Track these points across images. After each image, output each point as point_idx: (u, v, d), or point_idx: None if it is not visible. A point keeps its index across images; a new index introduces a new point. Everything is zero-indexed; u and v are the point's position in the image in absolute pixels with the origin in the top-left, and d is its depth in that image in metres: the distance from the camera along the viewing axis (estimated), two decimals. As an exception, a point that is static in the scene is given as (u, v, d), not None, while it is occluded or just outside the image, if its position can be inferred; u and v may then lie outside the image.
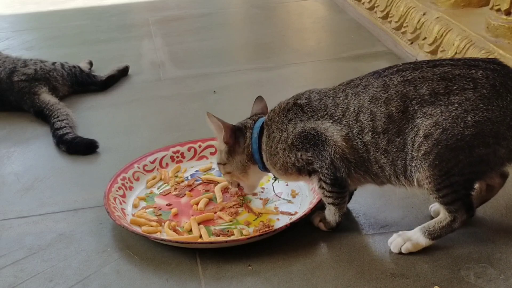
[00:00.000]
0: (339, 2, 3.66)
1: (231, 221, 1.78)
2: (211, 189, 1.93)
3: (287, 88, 2.68)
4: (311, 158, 1.62)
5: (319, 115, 1.61)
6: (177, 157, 2.08)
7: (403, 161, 1.54)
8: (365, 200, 1.84)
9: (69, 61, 2.78)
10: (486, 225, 1.70)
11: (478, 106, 1.47)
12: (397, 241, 1.62)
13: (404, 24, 2.87)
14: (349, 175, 1.61)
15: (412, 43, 2.78)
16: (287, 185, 1.93)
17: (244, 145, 1.73)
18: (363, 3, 3.31)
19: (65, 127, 2.34)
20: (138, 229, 1.74)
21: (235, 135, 1.73)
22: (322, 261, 1.63)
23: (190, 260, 1.65)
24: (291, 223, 1.70)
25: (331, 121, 1.59)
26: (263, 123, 1.71)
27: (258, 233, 1.70)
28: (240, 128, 1.74)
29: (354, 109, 1.57)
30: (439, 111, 1.49)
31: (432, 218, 1.70)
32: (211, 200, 1.89)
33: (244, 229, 1.73)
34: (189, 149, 2.10)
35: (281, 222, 1.76)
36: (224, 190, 1.92)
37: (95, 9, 4.02)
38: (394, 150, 1.54)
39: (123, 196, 1.89)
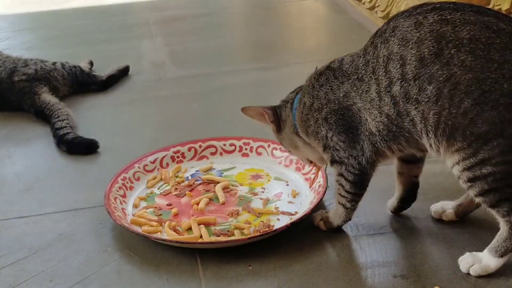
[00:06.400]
0: (339, 2, 3.67)
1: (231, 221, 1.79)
2: (212, 189, 1.93)
3: (287, 88, 2.66)
4: (341, 144, 1.53)
5: (350, 80, 1.48)
6: (178, 157, 2.08)
7: (435, 116, 1.36)
8: (365, 200, 1.84)
9: (70, 61, 2.78)
10: (486, 226, 1.70)
11: None
12: (466, 261, 1.51)
13: (405, 24, 2.87)
14: (377, 151, 1.50)
15: (412, 43, 2.78)
16: (287, 185, 1.93)
17: (285, 118, 1.66)
18: (364, 3, 3.31)
19: (65, 127, 2.34)
20: (138, 229, 1.74)
21: (278, 113, 1.68)
22: (322, 261, 1.63)
23: (191, 260, 1.65)
24: (291, 223, 1.70)
25: (360, 91, 1.46)
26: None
27: (258, 233, 1.70)
28: (280, 106, 1.70)
29: (383, 59, 1.41)
30: (479, 65, 1.31)
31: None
32: (211, 200, 1.89)
33: (245, 229, 1.74)
34: (189, 149, 2.10)
35: (282, 222, 1.76)
36: (225, 189, 1.92)
37: (96, 9, 4.02)
38: (426, 100, 1.36)
39: (124, 196, 1.89)
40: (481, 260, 1.50)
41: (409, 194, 1.71)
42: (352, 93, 1.49)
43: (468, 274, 1.52)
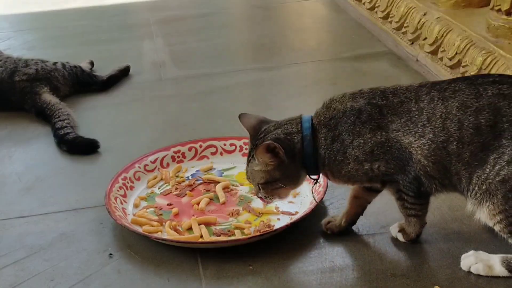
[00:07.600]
0: (339, 2, 3.67)
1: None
2: (212, 189, 1.94)
3: (287, 88, 2.68)
4: (392, 171, 1.53)
5: (402, 120, 1.51)
6: (178, 157, 2.08)
7: (477, 179, 1.46)
8: (365, 200, 1.84)
9: (70, 61, 2.78)
10: (486, 226, 1.70)
11: None
12: (469, 259, 1.55)
13: (405, 24, 2.87)
14: (431, 189, 1.54)
15: (412, 43, 2.78)
16: (287, 185, 1.94)
17: (296, 152, 1.55)
18: (364, 3, 3.31)
19: (66, 127, 2.34)
20: (139, 229, 1.74)
21: (284, 148, 1.53)
22: (322, 261, 1.63)
23: (191, 260, 1.66)
24: (291, 223, 1.70)
25: (413, 132, 1.49)
26: (312, 123, 1.56)
27: (258, 233, 1.70)
28: (282, 139, 1.55)
29: (441, 115, 1.48)
30: None
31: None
32: (212, 200, 1.89)
33: (245, 228, 1.74)
34: (190, 149, 2.10)
35: (282, 222, 1.76)
36: (225, 189, 1.93)
37: (96, 9, 4.02)
38: (475, 163, 1.46)
39: (124, 195, 1.90)
40: (490, 265, 1.52)
41: (356, 217, 1.72)
42: (402, 131, 1.51)
43: (468, 274, 1.53)
